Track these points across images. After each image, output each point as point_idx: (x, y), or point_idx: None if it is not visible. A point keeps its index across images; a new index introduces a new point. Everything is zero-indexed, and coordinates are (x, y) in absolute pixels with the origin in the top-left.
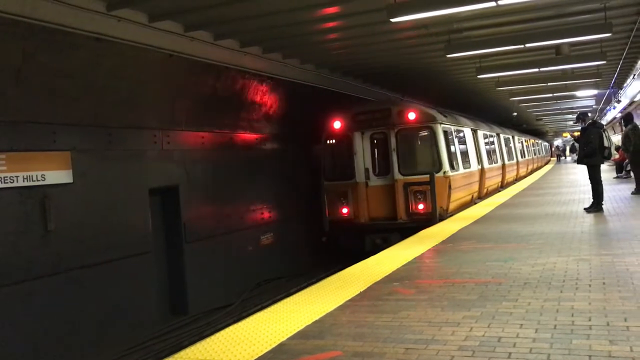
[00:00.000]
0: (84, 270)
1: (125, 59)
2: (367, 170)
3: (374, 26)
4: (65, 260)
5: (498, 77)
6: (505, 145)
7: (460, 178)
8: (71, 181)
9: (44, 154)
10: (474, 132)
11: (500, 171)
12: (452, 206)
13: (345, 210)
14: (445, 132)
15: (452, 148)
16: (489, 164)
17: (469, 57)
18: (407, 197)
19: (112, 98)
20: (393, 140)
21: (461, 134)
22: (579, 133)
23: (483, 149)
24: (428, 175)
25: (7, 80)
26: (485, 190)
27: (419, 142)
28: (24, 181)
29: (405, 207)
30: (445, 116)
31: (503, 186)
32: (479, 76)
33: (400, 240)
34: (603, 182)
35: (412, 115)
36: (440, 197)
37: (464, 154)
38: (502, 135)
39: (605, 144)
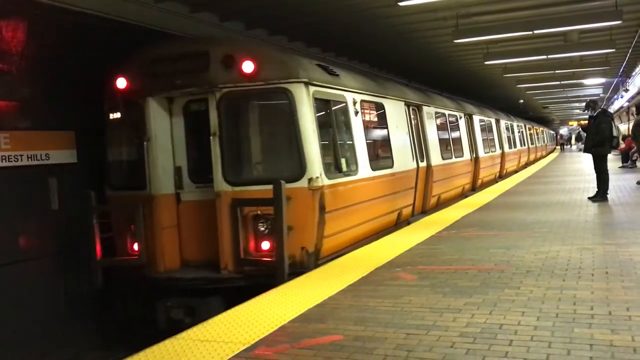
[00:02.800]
0: None
1: None
2: (178, 171)
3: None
4: None
5: (505, 63)
6: (498, 133)
7: (381, 184)
8: None
9: None
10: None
11: (499, 160)
12: (339, 241)
13: (135, 248)
14: (327, 103)
15: (361, 133)
16: (485, 152)
17: (477, 43)
18: (238, 228)
19: None
20: (214, 115)
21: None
22: (586, 121)
23: (454, 136)
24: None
25: None
26: (479, 181)
27: (267, 120)
28: None
29: (233, 248)
30: (334, 73)
31: (502, 176)
32: (486, 62)
33: (223, 309)
34: (609, 172)
35: (248, 66)
36: (302, 229)
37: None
38: (502, 122)
39: (614, 133)
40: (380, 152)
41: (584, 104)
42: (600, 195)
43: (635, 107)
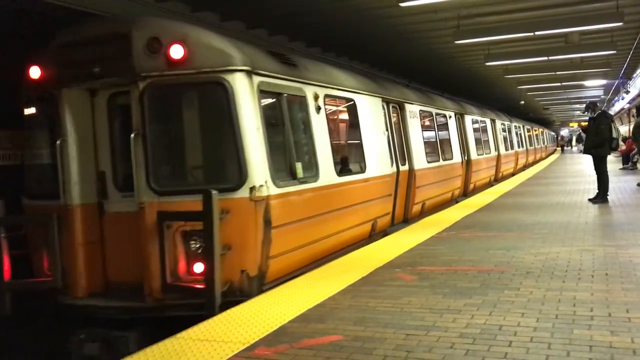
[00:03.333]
0: None
1: None
2: (101, 177)
3: (381, 10)
4: None
5: (506, 64)
6: (494, 134)
7: (350, 191)
8: None
9: None
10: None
11: (494, 163)
12: (292, 260)
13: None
14: (279, 97)
15: (324, 133)
16: (478, 154)
17: (478, 44)
18: (165, 247)
19: None
20: (136, 109)
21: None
22: (586, 123)
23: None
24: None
25: None
26: (471, 185)
27: (200, 116)
28: None
29: (159, 271)
30: (290, 62)
31: (498, 180)
32: (487, 63)
33: (146, 344)
34: (609, 173)
35: (177, 51)
36: (242, 248)
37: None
38: (497, 122)
39: (614, 135)
40: (349, 154)
41: (584, 105)
42: (601, 196)
43: (635, 109)
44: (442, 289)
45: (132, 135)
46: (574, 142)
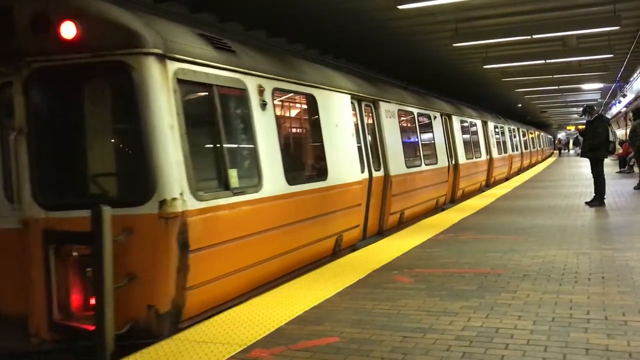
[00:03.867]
0: None
1: None
2: None
3: (380, 12)
4: None
5: (504, 67)
6: (485, 137)
7: (304, 203)
8: None
9: None
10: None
11: (485, 167)
12: (222, 290)
13: None
14: (207, 89)
15: (271, 134)
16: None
17: (475, 47)
18: (52, 275)
19: None
20: (19, 102)
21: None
22: (584, 126)
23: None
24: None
25: None
26: (459, 192)
27: (98, 110)
28: None
29: (45, 305)
30: (226, 47)
31: (489, 185)
32: (484, 66)
33: None
34: (606, 177)
35: (69, 29)
36: (150, 278)
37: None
38: (489, 124)
39: (611, 138)
40: (306, 160)
41: (581, 108)
42: (597, 199)
43: (632, 112)
44: (439, 291)
45: (13, 135)
46: (570, 145)
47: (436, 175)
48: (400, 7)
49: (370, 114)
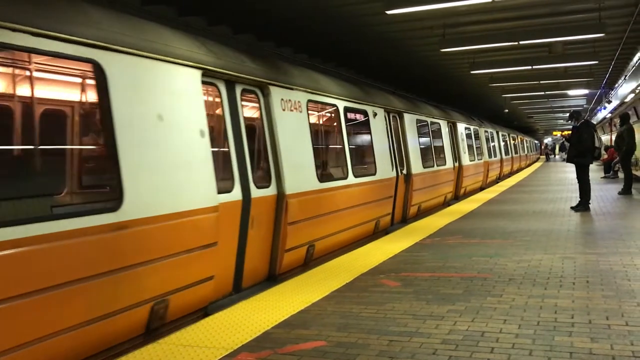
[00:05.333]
0: None
1: None
2: None
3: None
4: None
5: (491, 73)
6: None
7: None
8: None
9: None
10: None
11: (452, 177)
12: None
13: None
14: None
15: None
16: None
17: (463, 52)
18: None
19: None
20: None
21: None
22: (569, 132)
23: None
24: None
25: None
26: (414, 208)
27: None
28: None
29: None
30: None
31: (459, 197)
32: (472, 72)
33: None
34: (591, 182)
35: None
36: None
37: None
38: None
39: (596, 144)
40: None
41: (567, 114)
42: (583, 205)
43: (619, 118)
44: (426, 295)
45: None
46: (557, 151)
47: (374, 189)
48: (388, 12)
49: (262, 105)
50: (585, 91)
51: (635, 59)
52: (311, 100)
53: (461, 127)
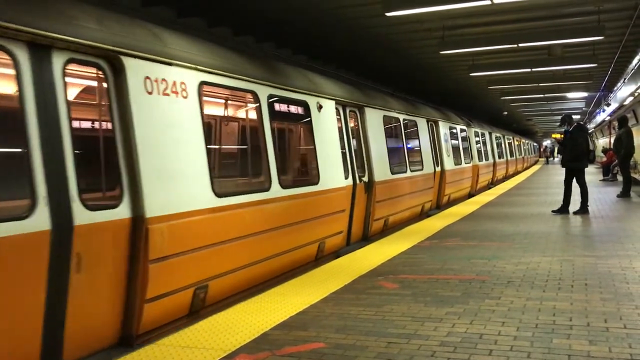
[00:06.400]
0: None
1: None
2: None
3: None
4: None
5: (490, 75)
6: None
7: None
8: None
9: None
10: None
11: (430, 184)
12: None
13: None
14: None
15: None
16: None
17: (462, 55)
18: None
19: None
20: None
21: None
22: (561, 135)
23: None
24: None
25: None
26: (377, 223)
27: None
28: None
29: None
30: None
31: (440, 206)
32: (471, 74)
33: None
34: (589, 185)
35: None
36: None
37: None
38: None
39: (591, 147)
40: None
41: (563, 118)
42: (582, 208)
43: (617, 121)
44: (424, 297)
45: None
46: (555, 153)
47: (319, 203)
48: (388, 14)
49: (114, 93)
50: (585, 94)
51: (635, 61)
52: (207, 83)
53: (444, 126)
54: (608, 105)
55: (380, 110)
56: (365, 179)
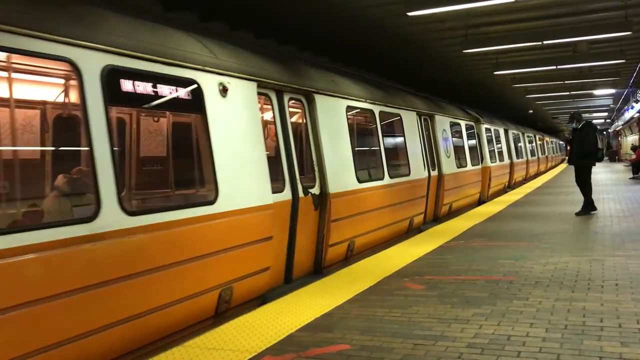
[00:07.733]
0: None
1: None
2: None
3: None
4: None
5: (514, 74)
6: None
7: None
8: None
9: None
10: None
11: (422, 191)
12: None
13: None
14: None
15: None
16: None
17: (486, 53)
18: None
19: None
20: None
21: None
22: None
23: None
24: None
25: None
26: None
27: None
28: None
29: None
30: None
31: (439, 218)
32: (495, 73)
33: None
34: (619, 183)
35: None
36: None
37: None
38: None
39: (599, 145)
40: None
41: (594, 114)
42: (584, 208)
43: None
44: (451, 298)
45: None
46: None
47: (222, 232)
48: (410, 13)
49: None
50: (612, 90)
51: None
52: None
53: (442, 122)
54: (637, 101)
55: (342, 98)
56: (317, 191)
